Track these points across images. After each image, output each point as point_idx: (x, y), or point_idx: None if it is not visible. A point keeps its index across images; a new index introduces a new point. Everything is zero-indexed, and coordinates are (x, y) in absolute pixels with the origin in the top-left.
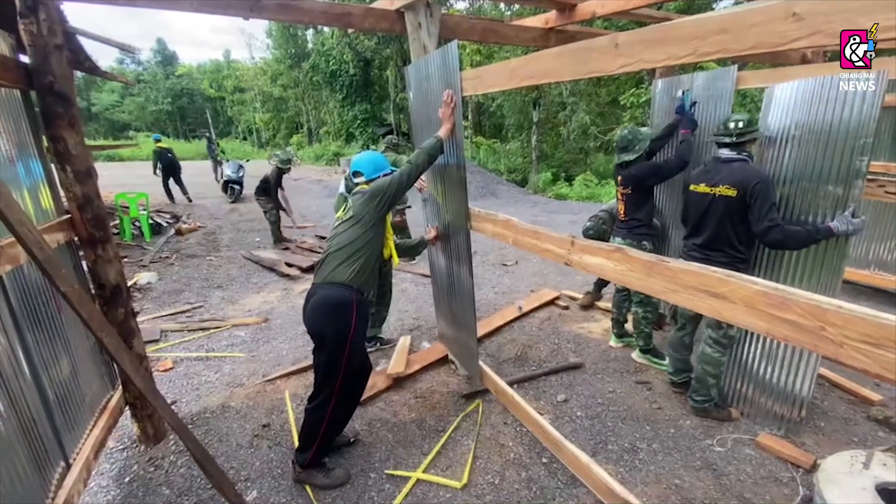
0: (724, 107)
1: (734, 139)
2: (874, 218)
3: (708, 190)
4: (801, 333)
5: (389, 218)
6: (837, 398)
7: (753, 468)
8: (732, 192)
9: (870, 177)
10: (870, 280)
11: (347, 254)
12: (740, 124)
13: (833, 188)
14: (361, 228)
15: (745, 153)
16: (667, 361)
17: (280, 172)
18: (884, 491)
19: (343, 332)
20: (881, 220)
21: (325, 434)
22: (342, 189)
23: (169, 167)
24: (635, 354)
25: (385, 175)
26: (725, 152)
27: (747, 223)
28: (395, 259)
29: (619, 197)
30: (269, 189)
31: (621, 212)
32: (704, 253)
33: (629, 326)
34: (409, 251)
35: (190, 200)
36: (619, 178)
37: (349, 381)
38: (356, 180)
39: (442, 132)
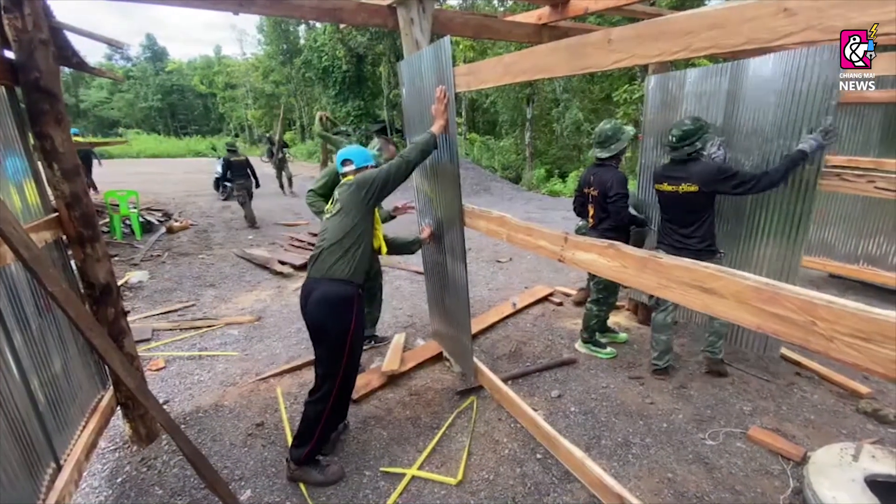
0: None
1: (677, 154)
2: (864, 213)
3: (671, 189)
4: (792, 328)
5: (379, 214)
6: (827, 391)
7: (744, 461)
8: (694, 188)
9: (860, 172)
10: (859, 275)
11: (343, 248)
12: (674, 139)
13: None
14: (350, 221)
15: (694, 152)
16: (608, 350)
17: (227, 164)
18: (873, 482)
19: (345, 327)
20: (870, 216)
21: (323, 428)
22: None
23: (83, 159)
24: (578, 344)
25: (371, 168)
26: (676, 154)
27: (711, 214)
28: (384, 248)
29: (589, 200)
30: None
31: (591, 216)
32: (683, 242)
33: (614, 319)
34: (403, 248)
35: (95, 190)
36: (591, 177)
37: (350, 374)
38: (344, 169)
39: (435, 128)
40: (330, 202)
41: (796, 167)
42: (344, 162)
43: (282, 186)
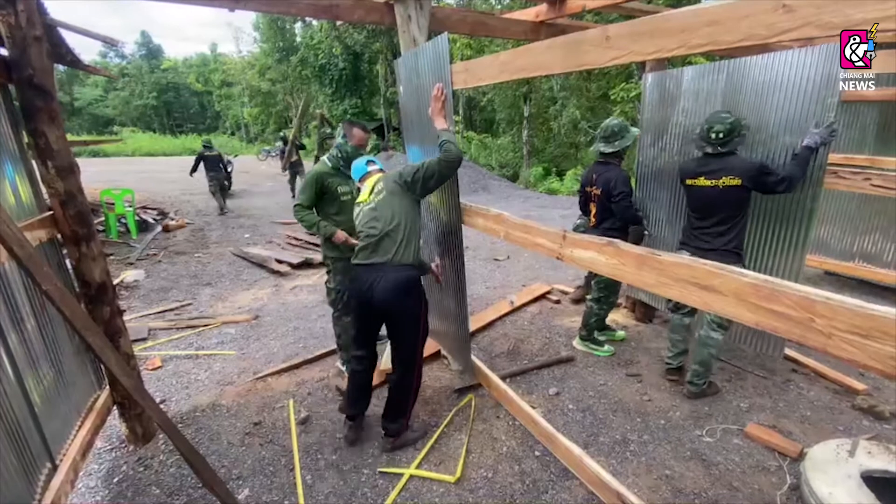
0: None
1: (718, 149)
2: (859, 211)
3: (710, 183)
4: (790, 325)
5: None
6: (823, 388)
7: (742, 457)
8: (737, 182)
9: (856, 170)
10: (854, 272)
11: (402, 233)
12: (721, 135)
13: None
14: (400, 204)
15: (732, 149)
16: (606, 347)
17: (202, 158)
18: (869, 478)
19: (418, 308)
20: (865, 213)
21: (414, 398)
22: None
23: None
24: (576, 342)
25: None
26: (712, 150)
27: (747, 213)
28: None
29: (591, 198)
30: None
31: (592, 215)
32: (712, 243)
33: (612, 317)
34: None
35: None
36: (593, 175)
37: (423, 343)
38: (369, 168)
39: (442, 126)
40: (369, 192)
41: (809, 164)
42: (369, 162)
43: (293, 191)
